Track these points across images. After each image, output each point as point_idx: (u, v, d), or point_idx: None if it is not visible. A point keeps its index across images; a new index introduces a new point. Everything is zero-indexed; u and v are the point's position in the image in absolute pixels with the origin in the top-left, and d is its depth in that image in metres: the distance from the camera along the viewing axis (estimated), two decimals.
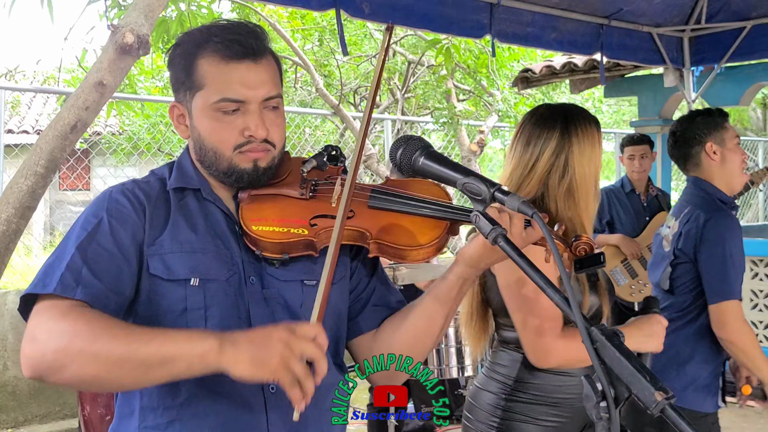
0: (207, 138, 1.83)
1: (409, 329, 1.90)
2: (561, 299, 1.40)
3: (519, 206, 1.54)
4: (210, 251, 1.80)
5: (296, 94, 13.26)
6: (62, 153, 4.07)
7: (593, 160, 2.57)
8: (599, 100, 15.18)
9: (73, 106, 4.01)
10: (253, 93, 1.80)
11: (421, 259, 1.84)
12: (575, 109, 2.67)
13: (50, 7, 5.76)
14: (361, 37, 12.24)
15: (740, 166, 3.36)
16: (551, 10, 5.02)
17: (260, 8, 9.73)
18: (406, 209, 1.85)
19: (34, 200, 4.06)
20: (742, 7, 5.45)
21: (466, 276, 1.81)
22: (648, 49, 5.78)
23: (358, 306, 2.00)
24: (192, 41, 1.86)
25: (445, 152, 11.78)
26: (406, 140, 1.73)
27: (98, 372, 1.55)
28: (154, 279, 1.75)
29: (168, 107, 1.95)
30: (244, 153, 1.81)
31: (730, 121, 3.44)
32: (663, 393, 1.26)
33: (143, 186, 1.86)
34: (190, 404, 1.73)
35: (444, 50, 7.55)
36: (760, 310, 7.64)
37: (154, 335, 1.57)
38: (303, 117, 10.91)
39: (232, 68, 1.80)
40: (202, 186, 1.88)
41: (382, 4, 4.21)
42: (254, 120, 1.80)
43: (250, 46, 1.82)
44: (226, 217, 1.87)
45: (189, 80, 1.83)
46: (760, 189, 7.75)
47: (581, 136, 2.57)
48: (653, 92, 8.31)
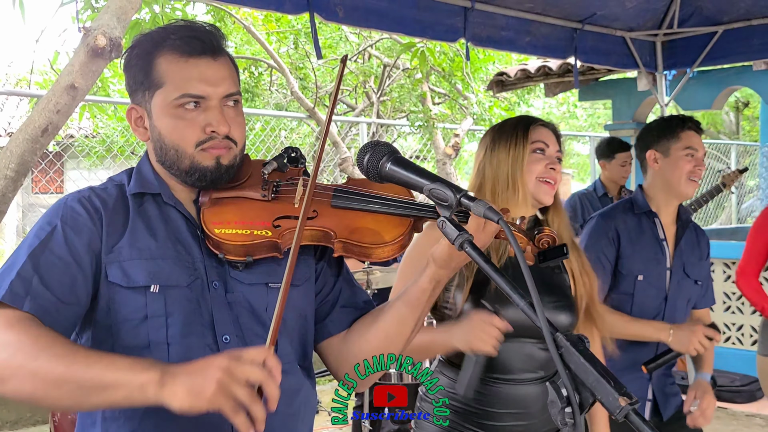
0: (168, 136, 1.80)
1: (380, 332, 1.88)
2: (526, 305, 1.40)
3: (485, 212, 1.54)
4: (170, 257, 1.77)
5: (272, 97, 13.24)
6: (33, 156, 4.04)
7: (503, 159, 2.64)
8: (574, 104, 15.26)
9: (44, 109, 3.99)
10: (214, 89, 1.79)
11: (386, 257, 1.84)
12: (503, 120, 2.78)
13: (22, 8, 5.71)
14: (336, 40, 12.24)
15: (683, 176, 3.36)
16: (525, 14, 5.04)
17: (235, 11, 9.71)
18: (370, 207, 1.85)
19: (5, 204, 4.03)
20: (713, 12, 5.50)
21: (438, 277, 1.79)
22: (621, 53, 5.81)
23: (325, 308, 1.98)
24: (149, 41, 1.84)
25: (420, 155, 11.81)
26: (373, 146, 1.72)
27: (35, 390, 1.52)
28: (112, 287, 1.72)
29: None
30: (206, 150, 1.79)
31: (698, 128, 3.45)
32: (627, 398, 1.27)
33: (100, 193, 1.83)
34: (152, 413, 1.69)
35: (419, 53, 7.57)
36: (732, 312, 7.71)
37: (98, 359, 1.52)
38: (278, 120, 10.89)
39: (191, 65, 1.79)
40: (162, 190, 1.85)
41: (356, 8, 4.21)
42: (215, 116, 1.79)
43: (209, 43, 1.82)
44: (186, 221, 1.84)
45: (147, 80, 1.81)
46: (731, 191, 7.80)
47: (496, 144, 2.67)
48: (627, 96, 8.38)
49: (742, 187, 15.55)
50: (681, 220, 3.52)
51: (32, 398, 1.55)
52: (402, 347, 1.89)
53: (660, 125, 3.51)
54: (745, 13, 5.37)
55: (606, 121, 12.36)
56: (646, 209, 3.45)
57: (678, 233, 3.49)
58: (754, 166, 15.80)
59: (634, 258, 3.39)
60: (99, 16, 4.11)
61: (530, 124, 2.68)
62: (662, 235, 3.44)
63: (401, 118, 13.03)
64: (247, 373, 1.46)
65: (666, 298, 3.43)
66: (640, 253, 3.40)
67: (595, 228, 3.44)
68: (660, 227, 3.45)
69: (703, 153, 3.43)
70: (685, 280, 3.47)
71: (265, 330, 1.77)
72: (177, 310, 1.74)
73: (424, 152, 11.29)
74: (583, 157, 20.42)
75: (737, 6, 5.31)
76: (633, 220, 3.45)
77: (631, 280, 3.39)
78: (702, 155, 3.42)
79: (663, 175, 3.43)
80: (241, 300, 1.81)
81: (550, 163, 2.63)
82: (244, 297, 1.81)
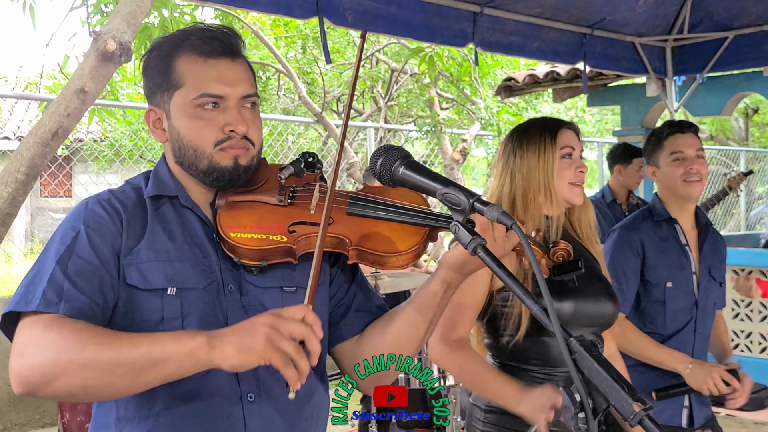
0: (187, 136, 1.82)
1: (393, 335, 1.89)
2: (540, 309, 1.40)
3: (498, 216, 1.54)
4: (187, 260, 1.79)
5: (279, 102, 13.24)
6: (43, 160, 4.05)
7: (536, 166, 2.65)
8: (582, 110, 15.24)
9: (54, 112, 4.00)
10: (232, 89, 1.82)
11: (400, 266, 1.84)
12: (525, 123, 2.80)
13: (32, 13, 5.73)
14: (344, 44, 12.24)
15: (678, 181, 3.38)
16: (534, 19, 5.04)
17: (243, 15, 9.73)
18: (385, 216, 1.85)
19: (15, 207, 4.04)
20: (724, 17, 5.49)
21: (450, 281, 1.80)
22: (631, 59, 5.81)
23: (339, 312, 1.99)
24: (169, 43, 1.87)
25: (428, 161, 11.80)
26: (386, 150, 1.72)
27: (87, 381, 1.56)
28: (130, 289, 1.74)
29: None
30: (225, 150, 1.81)
31: (682, 129, 3.45)
32: (641, 404, 1.26)
33: (119, 196, 1.85)
34: (167, 414, 1.72)
35: (427, 58, 7.56)
36: (741, 319, 7.67)
37: (143, 338, 1.57)
38: (286, 125, 10.90)
39: (210, 65, 1.82)
40: (179, 193, 1.87)
41: (365, 13, 4.22)
42: (234, 116, 1.81)
43: (228, 44, 1.84)
44: (203, 224, 1.86)
45: (166, 81, 1.83)
46: (737, 194, 7.78)
47: (524, 147, 2.68)
48: (636, 101, 8.35)
49: (751, 194, 15.52)
50: (700, 224, 3.53)
51: (85, 390, 1.60)
52: (415, 350, 1.90)
53: (648, 139, 3.56)
54: (756, 18, 5.37)
55: (614, 127, 12.36)
56: (666, 216, 3.46)
57: (700, 237, 3.50)
58: (763, 173, 15.79)
59: (659, 266, 3.40)
60: (109, 20, 4.12)
61: (557, 129, 2.69)
62: (684, 240, 3.45)
63: (409, 123, 13.03)
64: (291, 328, 1.52)
65: (696, 303, 3.44)
66: (665, 261, 3.41)
67: (619, 241, 3.44)
68: (681, 233, 3.46)
69: (694, 151, 3.41)
70: (712, 283, 3.49)
71: None
72: (193, 312, 1.75)
73: (431, 157, 11.28)
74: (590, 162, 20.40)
75: (748, 11, 5.31)
76: (655, 228, 3.46)
77: (660, 288, 3.40)
78: (693, 154, 3.40)
79: (664, 185, 3.47)
80: (255, 303, 1.82)
81: (579, 166, 2.67)
82: (259, 300, 1.82)
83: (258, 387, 1.77)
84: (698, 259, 3.46)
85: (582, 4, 5.02)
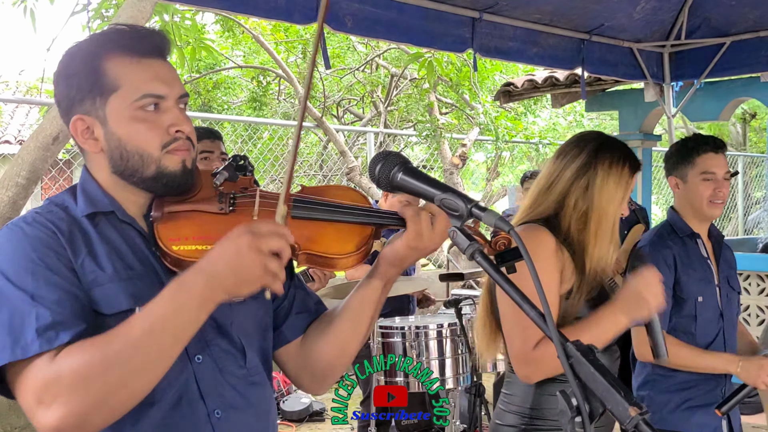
0: (130, 141, 1.71)
1: (336, 334, 1.88)
2: (537, 315, 1.41)
3: (495, 222, 1.55)
4: (142, 277, 1.70)
5: (279, 107, 13.28)
6: (44, 164, 4.07)
7: (614, 197, 2.57)
8: (580, 114, 15.24)
9: (55, 117, 4.01)
10: (171, 89, 1.73)
11: (350, 266, 1.83)
12: (613, 142, 2.67)
13: (33, 18, 5.75)
14: (344, 50, 12.28)
15: (704, 200, 3.38)
16: (533, 25, 5.05)
17: (244, 21, 9.75)
18: (331, 217, 1.81)
19: (15, 211, 4.05)
20: (721, 23, 5.50)
21: (390, 276, 1.82)
22: (629, 65, 5.81)
23: (281, 315, 1.95)
24: (92, 46, 1.76)
25: (427, 165, 11.82)
26: (384, 156, 1.73)
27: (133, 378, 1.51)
28: (95, 315, 1.63)
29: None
30: (172, 152, 1.72)
31: (716, 148, 3.43)
32: (637, 408, 1.28)
33: (47, 216, 1.71)
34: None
35: (426, 64, 7.58)
36: None
37: (145, 312, 1.53)
38: (286, 129, 10.91)
39: (145, 65, 1.72)
40: (114, 208, 1.75)
41: (364, 18, 4.22)
42: (178, 115, 1.73)
43: (159, 43, 1.77)
44: (143, 238, 1.75)
45: (98, 85, 1.70)
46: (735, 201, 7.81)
47: (608, 168, 2.58)
48: (634, 107, 8.36)
49: (748, 198, 15.53)
50: (713, 235, 3.56)
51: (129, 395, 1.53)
52: (358, 348, 1.90)
53: (677, 150, 3.51)
54: (753, 24, 5.37)
55: (612, 132, 12.36)
56: (689, 232, 3.46)
57: (715, 249, 3.53)
58: (760, 178, 15.80)
59: (690, 281, 3.40)
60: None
61: (635, 169, 2.63)
62: (706, 254, 3.47)
63: (408, 127, 13.05)
64: (272, 245, 1.53)
65: (721, 314, 3.45)
66: (694, 276, 3.41)
67: (652, 259, 3.36)
68: (703, 247, 3.48)
69: (724, 173, 3.42)
70: (732, 293, 3.52)
71: (232, 344, 1.78)
72: None
73: (431, 162, 11.31)
74: None
75: (745, 18, 5.32)
76: (680, 243, 3.45)
77: (692, 303, 3.40)
78: (723, 176, 3.41)
79: (687, 200, 3.46)
80: (224, 308, 1.70)
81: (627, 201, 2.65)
82: (227, 306, 1.73)
83: (223, 403, 1.74)
84: (717, 270, 3.48)
85: (580, 11, 5.04)
